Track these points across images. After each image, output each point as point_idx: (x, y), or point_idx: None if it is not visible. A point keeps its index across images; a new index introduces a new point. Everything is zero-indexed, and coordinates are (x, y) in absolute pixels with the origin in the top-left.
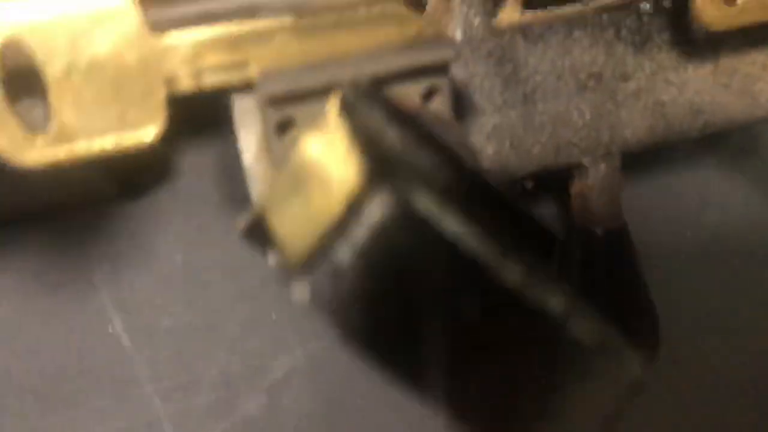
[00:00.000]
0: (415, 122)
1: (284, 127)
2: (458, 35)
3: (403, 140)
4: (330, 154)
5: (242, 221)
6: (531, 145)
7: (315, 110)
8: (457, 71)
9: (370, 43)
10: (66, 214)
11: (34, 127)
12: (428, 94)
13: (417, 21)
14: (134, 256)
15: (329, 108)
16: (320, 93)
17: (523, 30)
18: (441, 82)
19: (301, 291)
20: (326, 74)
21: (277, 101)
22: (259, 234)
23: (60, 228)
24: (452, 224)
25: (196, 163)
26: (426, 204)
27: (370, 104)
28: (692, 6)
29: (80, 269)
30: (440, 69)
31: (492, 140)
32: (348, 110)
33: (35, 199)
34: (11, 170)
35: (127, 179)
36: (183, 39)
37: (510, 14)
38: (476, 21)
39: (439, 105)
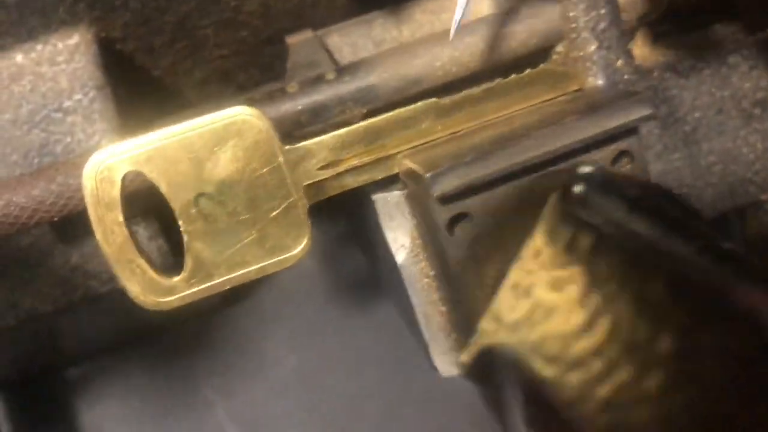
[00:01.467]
0: (662, 207)
1: (455, 222)
2: (600, 81)
3: (652, 231)
4: (565, 262)
5: (465, 355)
6: (702, 190)
7: (491, 199)
8: None
9: (524, 107)
10: (168, 331)
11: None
12: (616, 158)
13: (577, 76)
14: (245, 365)
15: (550, 206)
16: (499, 181)
17: (672, 65)
18: (632, 143)
19: None
20: (504, 160)
21: (448, 198)
22: (485, 366)
23: (164, 346)
24: None
25: None
26: None
27: (605, 194)
28: None
29: (190, 387)
30: (631, 131)
31: None
32: (580, 206)
33: (135, 320)
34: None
35: None
36: (319, 143)
37: (641, 49)
38: (618, 63)
39: (631, 168)
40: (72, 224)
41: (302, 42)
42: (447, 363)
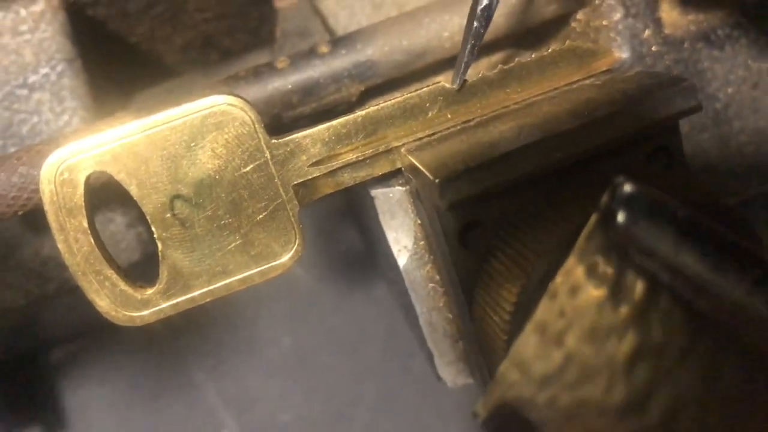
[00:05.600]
0: (716, 234)
1: (467, 230)
2: (625, 53)
3: (705, 264)
4: (604, 301)
5: (482, 407)
6: (730, 173)
7: (510, 206)
8: None
9: (547, 92)
10: None
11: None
12: (652, 155)
13: (606, 55)
14: (237, 345)
15: (588, 233)
16: (521, 186)
17: (705, 34)
18: (671, 138)
19: None
20: (527, 161)
21: (461, 205)
22: (509, 422)
23: (151, 326)
24: None
25: None
26: None
27: (651, 221)
28: None
29: (179, 369)
30: (671, 125)
31: None
32: (624, 235)
33: None
34: None
35: None
36: (311, 136)
37: (669, 14)
38: (646, 33)
39: (671, 169)
40: (41, 213)
41: (293, 5)
42: (453, 373)
